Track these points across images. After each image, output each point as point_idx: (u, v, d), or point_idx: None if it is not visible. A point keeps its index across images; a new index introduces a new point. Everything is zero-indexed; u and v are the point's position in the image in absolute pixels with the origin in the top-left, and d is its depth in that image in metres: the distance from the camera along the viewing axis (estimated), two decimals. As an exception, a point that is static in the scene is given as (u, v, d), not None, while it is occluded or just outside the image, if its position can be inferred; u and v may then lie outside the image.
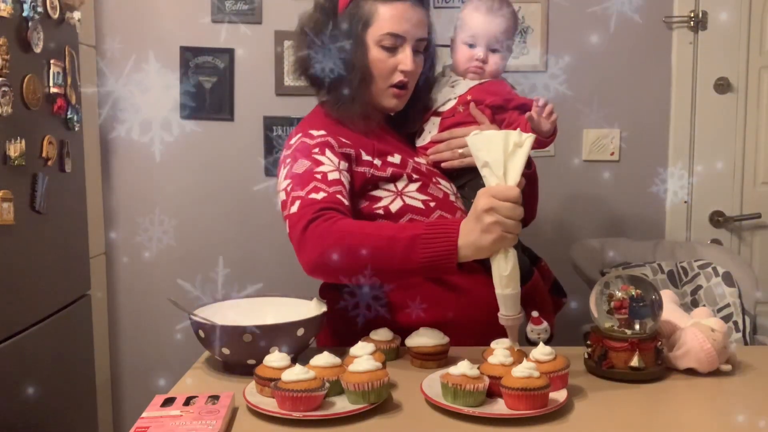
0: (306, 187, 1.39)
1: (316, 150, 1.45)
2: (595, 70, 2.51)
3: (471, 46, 1.58)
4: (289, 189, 1.42)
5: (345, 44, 1.48)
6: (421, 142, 1.61)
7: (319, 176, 1.40)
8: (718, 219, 2.55)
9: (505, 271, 1.24)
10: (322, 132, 1.48)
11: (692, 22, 2.49)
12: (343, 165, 1.45)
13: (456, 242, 1.25)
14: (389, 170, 1.48)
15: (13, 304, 1.73)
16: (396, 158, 1.50)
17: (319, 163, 1.43)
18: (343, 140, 1.48)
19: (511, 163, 1.22)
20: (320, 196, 1.37)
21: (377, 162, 1.48)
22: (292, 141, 1.50)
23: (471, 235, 1.24)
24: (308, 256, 1.32)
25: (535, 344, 1.25)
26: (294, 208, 1.38)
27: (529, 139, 1.22)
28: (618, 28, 2.50)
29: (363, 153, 1.48)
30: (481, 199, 1.22)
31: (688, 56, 2.52)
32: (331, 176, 1.41)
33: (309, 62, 1.52)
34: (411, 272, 1.29)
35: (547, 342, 1.42)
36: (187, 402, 1.13)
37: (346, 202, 1.39)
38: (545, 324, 1.28)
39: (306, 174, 1.41)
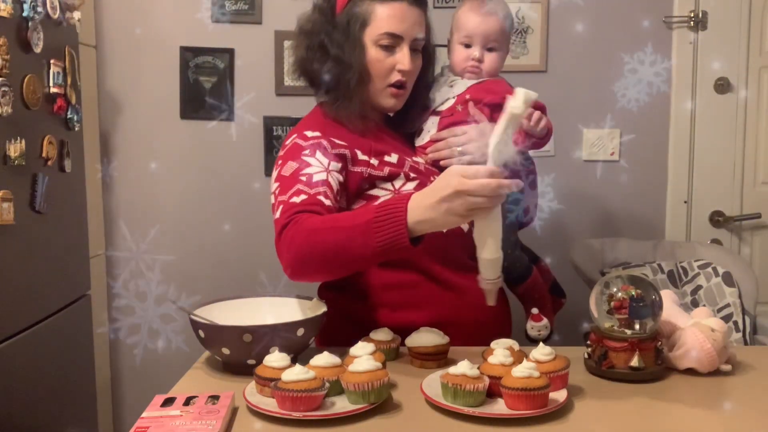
0: (290, 190, 1.40)
1: (307, 152, 1.45)
2: (596, 69, 2.51)
3: (467, 46, 1.59)
4: (276, 192, 1.43)
5: (343, 44, 1.49)
6: (420, 142, 1.61)
7: (304, 178, 1.41)
8: (718, 219, 2.55)
9: (487, 254, 1.24)
10: (317, 133, 1.48)
11: (692, 22, 2.49)
12: (335, 166, 1.45)
13: (404, 223, 1.23)
14: (386, 169, 1.48)
15: (13, 304, 1.73)
16: (393, 157, 1.50)
17: (307, 165, 1.43)
18: (338, 141, 1.47)
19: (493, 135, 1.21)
20: (300, 199, 1.37)
21: (374, 161, 1.48)
22: (287, 142, 1.50)
23: (430, 212, 1.22)
24: (285, 261, 1.34)
25: (535, 341, 1.25)
26: (277, 214, 1.39)
27: (514, 109, 1.19)
28: (618, 28, 2.50)
29: (359, 153, 1.48)
30: (450, 179, 1.20)
31: (688, 56, 2.52)
32: (317, 177, 1.41)
33: (307, 62, 1.53)
34: (372, 258, 1.28)
35: (546, 339, 1.42)
36: (187, 402, 1.13)
37: (328, 203, 1.39)
38: (545, 321, 1.28)
39: (292, 176, 1.42)
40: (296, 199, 1.38)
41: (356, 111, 1.51)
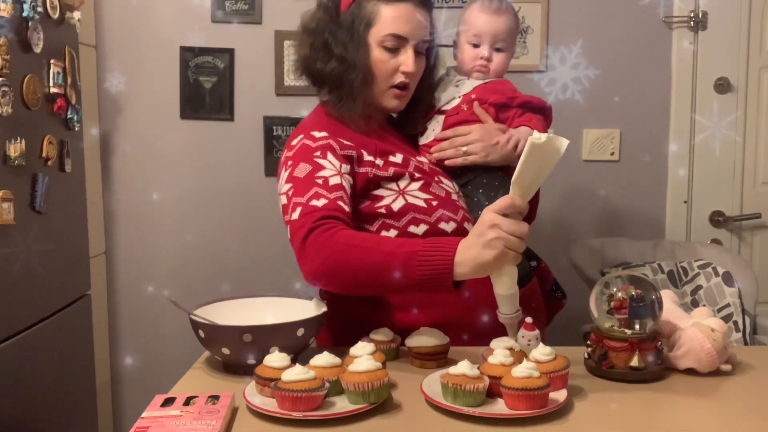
0: (307, 192, 1.38)
1: (318, 153, 1.44)
2: (596, 69, 2.51)
3: (476, 45, 1.59)
4: (290, 193, 1.41)
5: (347, 44, 1.48)
6: (424, 140, 1.61)
7: (320, 181, 1.40)
8: (718, 219, 2.55)
9: (502, 290, 1.26)
10: (324, 133, 1.47)
11: (692, 22, 2.49)
12: (345, 168, 1.44)
13: (452, 261, 1.24)
14: (391, 170, 1.48)
15: (13, 304, 1.74)
16: (398, 157, 1.50)
17: (321, 167, 1.42)
18: (345, 142, 1.47)
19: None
20: (321, 203, 1.36)
21: (379, 162, 1.47)
22: (294, 142, 1.49)
23: (471, 250, 1.23)
24: (308, 266, 1.33)
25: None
26: (295, 215, 1.37)
27: (535, 139, 1.21)
28: (618, 28, 2.50)
29: (365, 153, 1.47)
30: (484, 215, 1.23)
31: (688, 56, 2.52)
32: (333, 181, 1.40)
33: (311, 61, 1.52)
34: (407, 288, 1.29)
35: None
36: (187, 402, 1.13)
37: (347, 209, 1.39)
38: (537, 331, 1.29)
39: (307, 178, 1.40)
40: (317, 203, 1.36)
41: (359, 111, 1.50)
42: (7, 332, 1.71)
